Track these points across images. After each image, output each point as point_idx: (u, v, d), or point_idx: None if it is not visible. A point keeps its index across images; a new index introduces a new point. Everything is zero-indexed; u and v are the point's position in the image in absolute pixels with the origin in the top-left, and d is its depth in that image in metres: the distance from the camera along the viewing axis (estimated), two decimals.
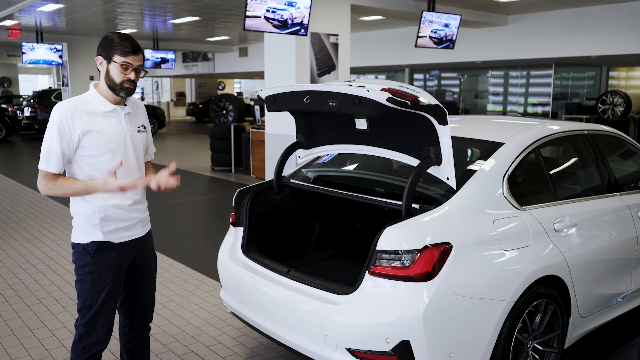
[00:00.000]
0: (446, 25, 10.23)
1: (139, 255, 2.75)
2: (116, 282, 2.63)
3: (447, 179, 2.79)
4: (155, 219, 2.91)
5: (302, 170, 3.78)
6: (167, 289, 4.73)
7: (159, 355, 3.54)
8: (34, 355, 3.56)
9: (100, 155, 2.52)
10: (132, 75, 2.52)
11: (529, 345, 2.97)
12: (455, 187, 2.80)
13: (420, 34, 9.91)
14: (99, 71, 2.56)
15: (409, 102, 2.53)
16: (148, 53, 17.27)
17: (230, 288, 3.33)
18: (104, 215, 2.56)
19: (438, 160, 2.77)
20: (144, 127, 2.75)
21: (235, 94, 29.14)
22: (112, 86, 2.52)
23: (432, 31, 10.06)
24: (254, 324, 3.14)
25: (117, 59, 2.48)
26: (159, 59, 17.50)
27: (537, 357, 3.04)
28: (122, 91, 2.53)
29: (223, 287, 3.47)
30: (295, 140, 3.55)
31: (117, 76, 2.50)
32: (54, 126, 2.45)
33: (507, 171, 3.03)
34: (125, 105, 2.62)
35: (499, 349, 2.74)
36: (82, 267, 2.58)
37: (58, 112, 2.45)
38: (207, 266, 5.19)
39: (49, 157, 2.45)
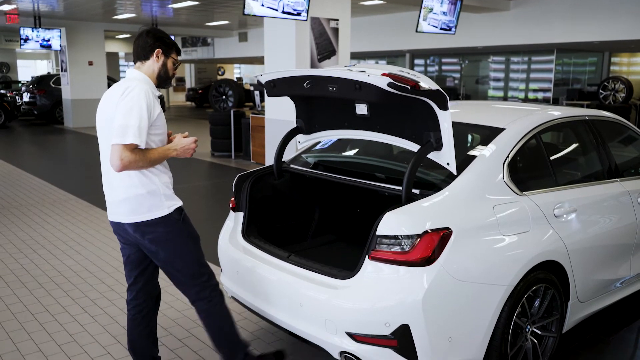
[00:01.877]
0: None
1: None
2: None
3: (448, 164, 2.78)
4: None
5: (302, 155, 3.78)
6: None
7: (160, 339, 3.56)
8: (35, 339, 3.59)
9: (162, 134, 2.75)
10: (176, 70, 2.91)
11: (527, 330, 2.99)
12: (455, 173, 2.80)
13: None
14: (143, 60, 2.76)
15: (409, 87, 2.52)
16: None
17: (231, 273, 3.34)
18: (172, 185, 2.82)
19: (439, 146, 2.77)
20: None
21: (235, 80, 29.04)
22: (165, 78, 2.83)
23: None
24: (255, 308, 3.16)
25: (175, 56, 2.85)
26: None
27: (536, 341, 3.06)
28: (169, 83, 2.88)
29: (223, 272, 3.48)
30: (295, 125, 3.54)
31: (171, 70, 2.85)
32: (143, 104, 2.58)
33: (508, 157, 3.03)
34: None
35: (497, 333, 2.76)
36: (175, 237, 2.75)
37: (143, 92, 2.61)
38: (207, 251, 5.17)
39: (141, 132, 2.57)
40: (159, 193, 2.71)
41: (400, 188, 2.76)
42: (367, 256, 2.65)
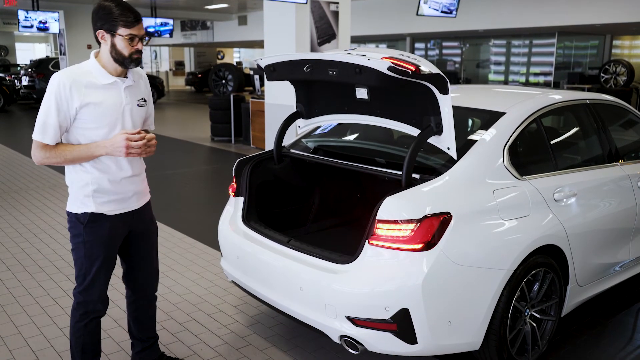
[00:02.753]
0: None
1: (136, 227, 2.74)
2: (108, 254, 2.64)
3: (448, 148, 2.77)
4: (155, 189, 2.91)
5: (302, 140, 3.77)
6: (168, 258, 4.76)
7: (160, 323, 3.58)
8: (37, 322, 3.61)
9: (97, 129, 2.48)
10: (139, 46, 2.49)
11: (526, 314, 3.01)
12: (455, 157, 2.79)
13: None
14: (99, 44, 2.51)
15: (410, 71, 2.50)
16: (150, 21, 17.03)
17: (231, 257, 3.35)
18: (98, 187, 2.54)
19: (439, 130, 2.76)
20: (144, 100, 2.68)
21: (235, 64, 28.88)
22: (121, 59, 2.47)
23: None
24: (255, 292, 3.17)
25: (123, 31, 2.43)
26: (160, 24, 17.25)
27: (535, 324, 3.08)
28: (131, 63, 2.50)
29: (224, 257, 3.49)
30: (295, 110, 3.52)
31: (125, 49, 2.45)
32: (52, 97, 2.40)
33: (508, 141, 3.02)
34: (127, 77, 2.57)
35: (497, 317, 2.77)
36: (76, 236, 2.60)
37: (56, 83, 2.40)
38: (207, 236, 5.22)
39: (46, 128, 2.41)
40: (77, 190, 2.55)
41: (400, 173, 2.75)
42: (367, 241, 2.65)
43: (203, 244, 5.13)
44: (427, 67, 2.58)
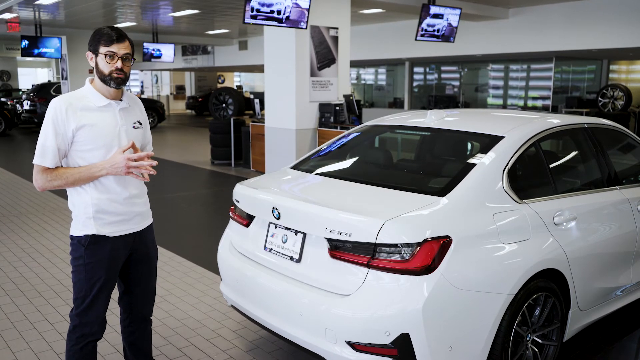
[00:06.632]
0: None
1: (137, 249, 2.74)
2: (110, 275, 2.64)
3: None
4: (155, 213, 2.91)
5: (303, 162, 3.77)
6: (167, 282, 4.74)
7: (159, 348, 3.55)
8: (34, 348, 3.57)
9: (94, 150, 2.53)
10: (119, 64, 2.52)
11: (528, 339, 2.98)
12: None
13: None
14: (93, 67, 2.60)
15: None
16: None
17: (230, 281, 3.34)
18: (98, 208, 2.56)
19: None
20: (140, 123, 2.73)
21: (235, 88, 29.11)
22: (103, 78, 2.54)
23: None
24: (254, 317, 3.15)
25: (102, 49, 2.50)
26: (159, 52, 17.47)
27: (537, 350, 3.05)
28: (112, 81, 2.53)
29: (223, 281, 3.48)
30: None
31: (105, 67, 2.51)
32: (49, 121, 2.48)
33: (507, 165, 3.03)
34: (121, 100, 2.63)
35: (498, 342, 2.75)
36: (76, 259, 2.60)
37: (52, 108, 2.48)
38: (207, 260, 5.20)
39: (45, 152, 2.47)
40: (79, 213, 2.58)
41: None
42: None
43: (202, 268, 5.11)
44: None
